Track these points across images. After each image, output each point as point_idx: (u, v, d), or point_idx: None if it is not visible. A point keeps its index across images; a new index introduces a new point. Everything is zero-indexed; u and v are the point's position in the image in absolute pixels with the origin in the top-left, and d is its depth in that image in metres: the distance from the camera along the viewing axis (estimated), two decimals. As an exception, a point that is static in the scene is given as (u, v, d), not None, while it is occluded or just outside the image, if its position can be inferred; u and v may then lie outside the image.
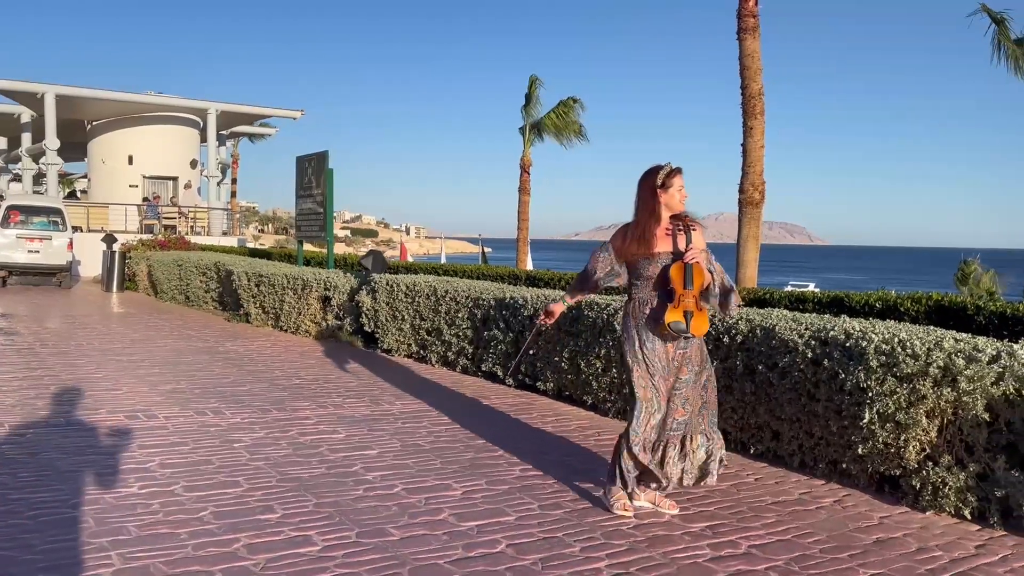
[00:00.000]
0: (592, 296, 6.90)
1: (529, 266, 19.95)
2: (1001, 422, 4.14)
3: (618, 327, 4.26)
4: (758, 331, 5.13)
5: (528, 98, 27.33)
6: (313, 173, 12.82)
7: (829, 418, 4.70)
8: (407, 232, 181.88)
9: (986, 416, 4.07)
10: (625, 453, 4.05)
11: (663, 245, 4.06)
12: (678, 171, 4.10)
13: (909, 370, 4.21)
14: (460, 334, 8.17)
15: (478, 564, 3.45)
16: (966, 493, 4.12)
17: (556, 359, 6.85)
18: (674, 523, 4.03)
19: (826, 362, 4.65)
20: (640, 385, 4.04)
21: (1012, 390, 4.09)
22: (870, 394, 4.37)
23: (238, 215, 36.78)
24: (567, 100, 27.10)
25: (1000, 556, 3.70)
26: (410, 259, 24.43)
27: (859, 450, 4.49)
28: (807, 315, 5.32)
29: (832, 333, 4.70)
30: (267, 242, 63.70)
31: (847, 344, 4.56)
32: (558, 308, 4.44)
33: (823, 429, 4.76)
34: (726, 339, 5.32)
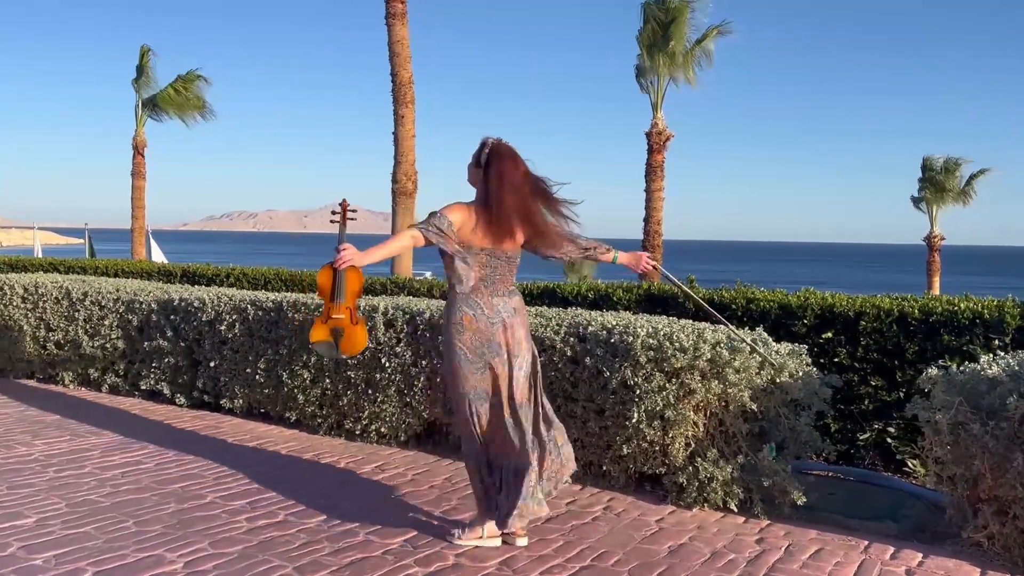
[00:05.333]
0: (295, 295, 5.96)
1: (158, 259, 17.58)
2: (758, 411, 4.17)
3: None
4: (506, 329, 4.68)
5: (140, 70, 24.27)
6: None
7: (588, 419, 4.42)
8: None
9: (754, 406, 4.06)
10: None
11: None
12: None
13: (679, 364, 4.06)
14: (108, 346, 6.61)
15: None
16: (732, 485, 4.08)
17: (248, 371, 5.77)
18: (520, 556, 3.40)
19: (588, 360, 4.35)
20: None
21: (766, 380, 4.13)
22: (638, 391, 4.15)
23: None
24: (187, 74, 24.54)
25: (783, 548, 3.67)
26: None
27: (623, 450, 4.27)
28: (551, 309, 5.00)
29: (591, 329, 4.41)
30: None
31: (610, 340, 4.30)
32: None
33: (580, 431, 4.47)
34: (469, 340, 4.80)
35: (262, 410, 5.88)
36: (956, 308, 4.80)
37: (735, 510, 4.09)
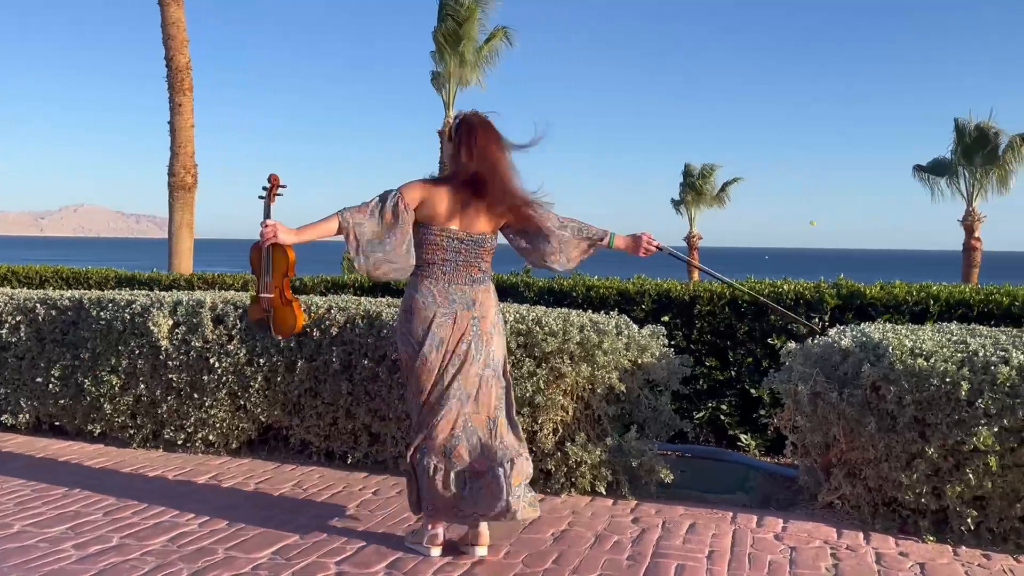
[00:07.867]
0: (98, 292, 5.25)
1: None
2: (622, 393, 4.20)
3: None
4: (359, 320, 4.38)
5: None
6: None
7: (451, 411, 4.23)
8: None
9: (623, 387, 4.08)
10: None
11: None
12: None
13: (549, 348, 4.00)
14: None
15: None
16: (600, 468, 4.08)
17: (39, 380, 4.99)
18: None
19: (452, 349, 4.17)
20: None
21: (630, 361, 4.18)
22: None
23: None
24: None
25: (660, 525, 3.71)
26: None
27: (488, 441, 4.13)
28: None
29: (454, 317, 4.23)
30: None
31: (477, 327, 4.14)
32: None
33: (441, 424, 4.27)
34: (316, 333, 4.45)
35: (56, 423, 5.12)
36: (781, 290, 5.15)
37: (603, 493, 4.10)
